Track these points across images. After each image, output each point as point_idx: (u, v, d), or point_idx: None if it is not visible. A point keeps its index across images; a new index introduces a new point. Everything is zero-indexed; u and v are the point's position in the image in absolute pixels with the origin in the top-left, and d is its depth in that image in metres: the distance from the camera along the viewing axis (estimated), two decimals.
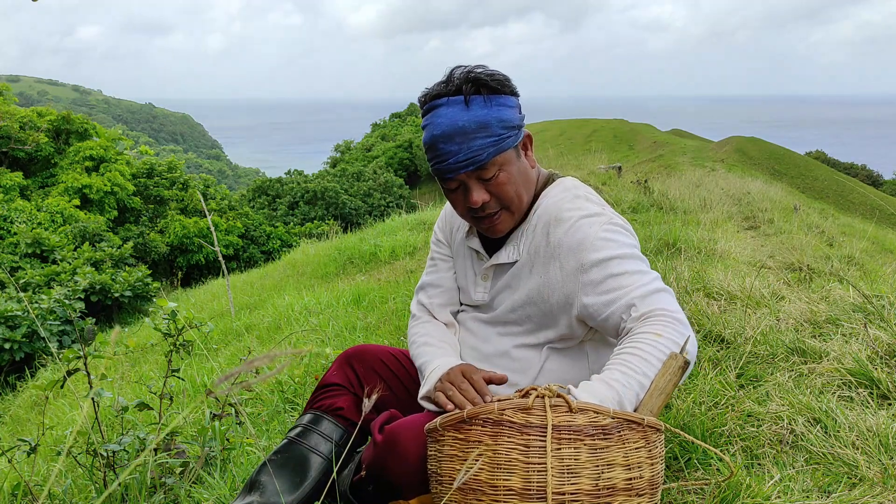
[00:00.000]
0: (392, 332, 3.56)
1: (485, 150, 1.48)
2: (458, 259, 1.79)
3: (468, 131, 1.48)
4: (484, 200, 1.52)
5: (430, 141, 1.52)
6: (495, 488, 1.18)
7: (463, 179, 1.52)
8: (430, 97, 1.54)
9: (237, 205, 26.04)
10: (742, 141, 26.98)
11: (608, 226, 1.50)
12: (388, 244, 6.72)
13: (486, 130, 1.48)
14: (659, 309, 1.39)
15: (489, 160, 1.49)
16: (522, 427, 1.18)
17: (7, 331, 9.42)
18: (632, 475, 1.20)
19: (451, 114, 1.49)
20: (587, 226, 1.50)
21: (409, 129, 55.50)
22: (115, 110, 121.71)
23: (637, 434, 1.21)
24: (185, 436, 2.41)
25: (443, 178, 1.54)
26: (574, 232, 1.50)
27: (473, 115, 1.48)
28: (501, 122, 1.50)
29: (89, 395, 1.93)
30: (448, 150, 1.49)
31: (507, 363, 1.62)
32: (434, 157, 1.52)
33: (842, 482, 1.60)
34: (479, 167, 1.49)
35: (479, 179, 1.51)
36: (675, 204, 6.90)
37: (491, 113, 1.49)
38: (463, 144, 1.48)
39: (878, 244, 6.46)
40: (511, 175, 1.53)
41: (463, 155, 1.48)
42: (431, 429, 1.31)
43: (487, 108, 1.49)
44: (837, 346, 2.30)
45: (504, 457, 1.17)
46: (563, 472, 1.16)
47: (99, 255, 15.75)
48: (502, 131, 1.50)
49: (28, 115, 22.61)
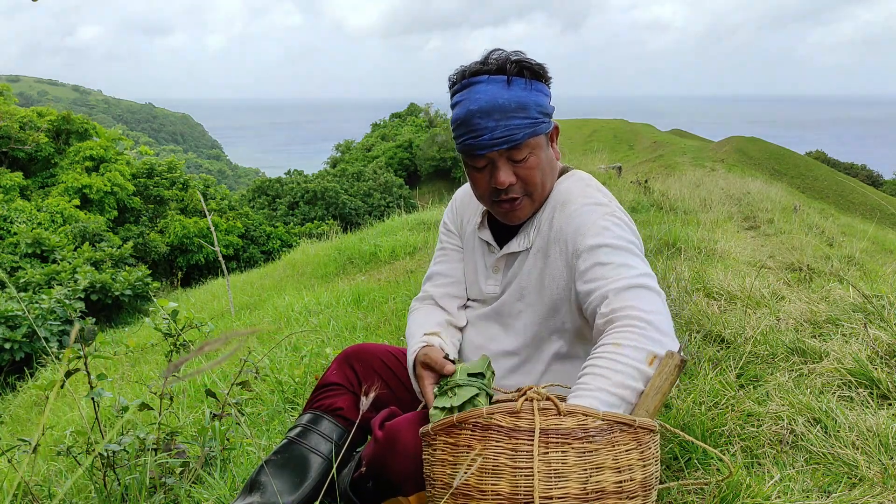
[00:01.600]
0: (392, 332, 3.56)
1: (521, 131, 1.47)
2: (466, 251, 1.77)
3: (507, 109, 1.47)
4: (511, 182, 1.50)
5: (465, 115, 1.49)
6: (484, 493, 1.17)
7: (493, 158, 1.50)
8: (467, 73, 1.53)
9: (237, 205, 26.02)
10: (742, 141, 26.97)
11: (608, 216, 1.49)
12: (388, 244, 6.72)
13: (525, 112, 1.48)
14: (629, 307, 1.31)
15: (524, 140, 1.48)
16: (511, 431, 1.17)
17: (7, 331, 9.41)
18: (622, 478, 1.19)
19: (492, 90, 1.48)
20: (588, 212, 1.50)
21: (409, 129, 55.49)
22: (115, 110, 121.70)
23: (628, 436, 1.20)
24: (185, 436, 2.41)
25: (472, 155, 1.52)
26: (575, 217, 1.50)
27: (514, 95, 1.48)
28: (539, 106, 1.50)
29: (89, 395, 1.93)
30: (484, 125, 1.47)
31: (513, 363, 1.61)
32: (467, 132, 1.50)
33: (842, 482, 1.60)
34: (513, 146, 1.48)
35: (509, 160, 1.50)
36: (675, 204, 6.90)
37: (530, 96, 1.49)
38: (501, 122, 1.46)
39: (878, 244, 6.46)
40: (540, 161, 1.52)
41: (500, 132, 1.46)
42: (424, 433, 1.31)
43: (528, 91, 1.49)
44: (837, 346, 2.30)
45: (492, 461, 1.17)
46: (550, 476, 1.15)
47: (99, 254, 15.74)
48: (538, 115, 1.50)
49: (28, 115, 22.59)
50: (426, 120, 59.46)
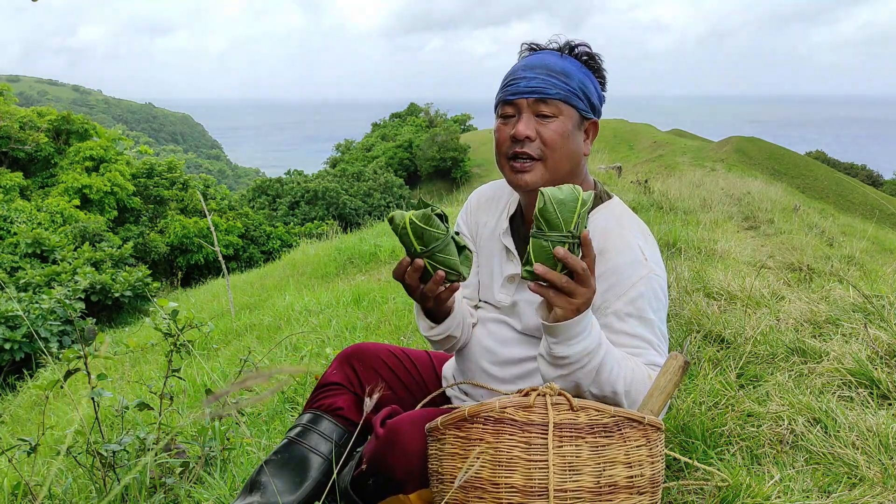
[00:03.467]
0: (392, 331, 3.56)
1: (555, 87, 1.50)
2: (482, 254, 1.74)
3: (552, 70, 1.51)
4: (528, 135, 1.50)
5: (512, 70, 1.56)
6: (497, 486, 1.18)
7: (521, 107, 1.52)
8: (532, 47, 1.60)
9: (237, 205, 26.03)
10: (742, 141, 26.96)
11: (645, 280, 1.47)
12: (388, 244, 6.72)
13: (566, 78, 1.51)
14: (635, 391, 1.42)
15: (555, 97, 1.50)
16: (524, 425, 1.18)
17: (7, 331, 9.41)
18: (633, 473, 1.20)
19: (545, 55, 1.55)
20: (625, 269, 1.47)
21: (409, 129, 55.49)
22: (115, 110, 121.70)
23: (638, 432, 1.22)
24: (185, 436, 2.41)
25: (503, 103, 1.55)
26: (611, 274, 1.47)
27: (563, 63, 1.53)
28: (582, 85, 1.53)
29: (89, 395, 1.93)
30: (524, 75, 1.52)
31: (521, 371, 1.60)
32: (508, 82, 1.54)
33: (842, 482, 1.60)
34: (542, 97, 1.49)
35: (535, 115, 1.51)
36: (675, 204, 6.90)
37: (578, 73, 1.53)
38: (541, 75, 1.51)
39: (878, 244, 6.46)
40: (566, 131, 1.51)
41: (535, 82, 1.50)
42: (433, 427, 1.31)
43: (577, 69, 1.54)
44: (837, 346, 2.30)
45: (506, 454, 1.17)
46: (564, 469, 1.16)
47: (99, 255, 15.74)
48: (578, 91, 1.52)
49: (28, 115, 22.59)
50: (426, 120, 59.46)
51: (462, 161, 48.16)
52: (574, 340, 1.32)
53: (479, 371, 1.65)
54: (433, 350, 1.86)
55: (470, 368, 1.68)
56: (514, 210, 1.69)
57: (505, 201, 1.72)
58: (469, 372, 1.68)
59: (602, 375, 1.36)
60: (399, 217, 1.43)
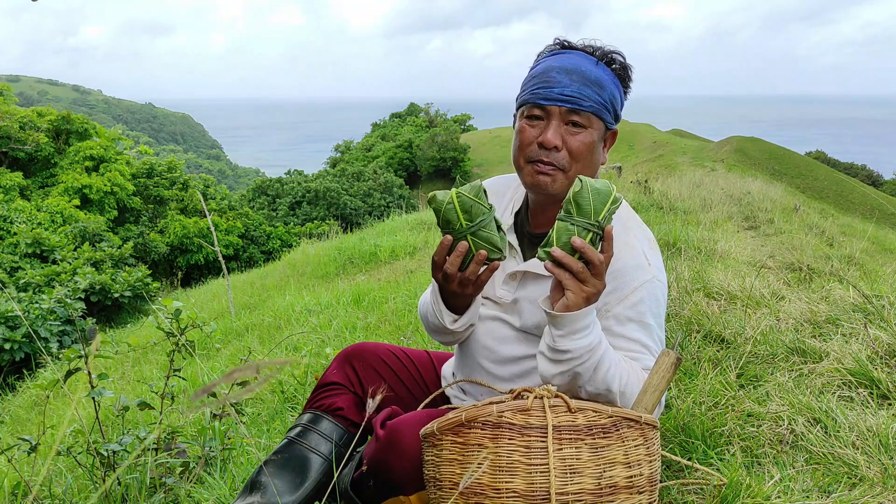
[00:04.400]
0: (392, 332, 3.56)
1: (589, 100, 1.48)
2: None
3: (587, 78, 1.49)
4: (557, 145, 1.48)
5: (545, 68, 1.51)
6: (498, 491, 1.17)
7: (552, 113, 1.49)
8: (563, 44, 1.56)
9: (237, 205, 26.02)
10: (742, 141, 26.96)
11: (647, 284, 1.47)
12: (388, 244, 6.72)
13: (601, 89, 1.50)
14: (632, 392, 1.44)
15: (588, 110, 1.48)
16: (523, 428, 1.18)
17: (7, 331, 9.40)
18: (632, 473, 1.20)
19: (580, 60, 1.51)
20: (628, 274, 1.47)
21: (409, 129, 55.49)
22: (115, 110, 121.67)
23: (635, 432, 1.22)
24: (185, 436, 2.41)
25: (533, 104, 1.51)
26: (614, 277, 1.46)
27: (597, 72, 1.50)
28: (612, 97, 1.52)
29: (90, 395, 1.93)
30: (560, 79, 1.48)
31: (520, 369, 1.60)
32: (539, 83, 1.50)
33: (842, 482, 1.60)
34: (575, 108, 1.47)
35: (565, 123, 1.49)
36: (675, 204, 6.90)
37: (610, 85, 1.52)
38: (576, 83, 1.48)
39: (878, 244, 6.46)
40: (592, 143, 1.51)
41: (570, 90, 1.47)
42: (428, 433, 1.29)
43: (610, 80, 1.52)
44: (837, 346, 2.30)
45: (506, 459, 1.17)
46: (565, 471, 1.16)
47: (99, 255, 15.74)
48: (608, 103, 1.51)
49: (28, 115, 22.58)
50: (426, 120, 59.45)
51: (462, 161, 48.17)
52: (578, 335, 1.32)
53: (479, 369, 1.65)
54: (435, 349, 1.86)
55: (469, 366, 1.68)
56: (519, 207, 1.68)
57: (510, 197, 1.70)
58: (468, 370, 1.68)
59: (599, 374, 1.36)
60: (442, 194, 1.40)
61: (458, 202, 1.38)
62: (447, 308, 1.56)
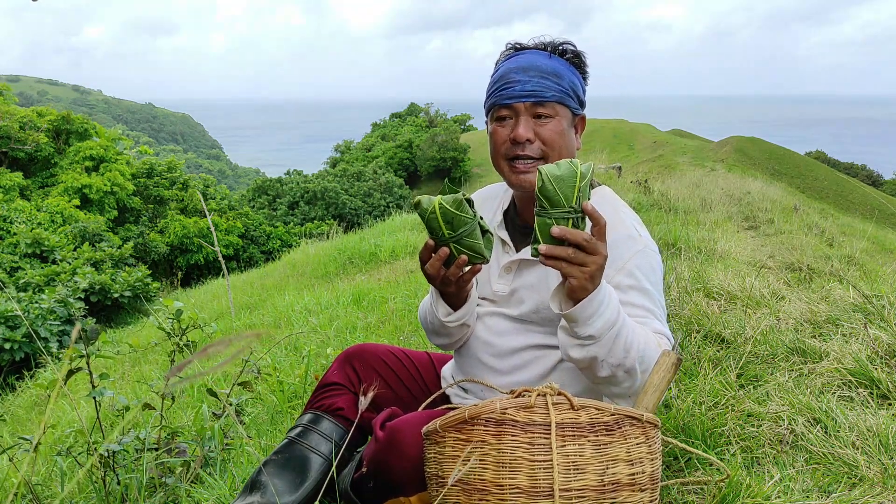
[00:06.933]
0: (392, 331, 3.56)
1: (550, 90, 1.54)
2: None
3: (544, 71, 1.55)
4: (528, 137, 1.55)
5: (503, 72, 1.59)
6: (501, 487, 1.18)
7: (518, 110, 1.56)
8: (516, 46, 1.64)
9: (237, 205, 26.02)
10: (742, 141, 26.96)
11: (640, 254, 1.52)
12: (388, 244, 6.73)
13: (559, 78, 1.56)
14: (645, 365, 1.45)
15: (551, 99, 1.54)
16: (526, 425, 1.18)
17: (7, 331, 9.40)
18: (634, 470, 1.20)
19: (534, 57, 1.59)
20: (620, 245, 1.51)
21: (409, 129, 55.50)
22: (115, 110, 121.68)
23: (637, 429, 1.22)
24: (186, 436, 2.41)
25: (499, 106, 1.58)
26: (609, 247, 1.47)
27: (552, 64, 1.57)
28: (572, 84, 1.58)
29: (90, 395, 1.93)
30: (518, 78, 1.55)
31: (520, 361, 1.61)
32: (501, 86, 1.57)
33: (842, 482, 1.60)
34: (539, 101, 1.54)
35: (532, 116, 1.55)
36: (675, 204, 6.90)
37: (567, 73, 1.58)
38: (534, 78, 1.55)
39: (878, 244, 6.46)
40: (562, 130, 1.57)
41: (530, 86, 1.54)
42: (430, 431, 1.30)
43: (565, 67, 1.59)
44: (837, 346, 2.30)
45: (509, 455, 1.17)
46: (569, 468, 1.16)
47: (99, 255, 15.74)
48: (569, 90, 1.57)
49: (28, 115, 22.58)
50: (426, 120, 59.47)
51: (462, 161, 48.19)
52: (594, 318, 1.34)
53: (479, 364, 1.65)
54: (435, 350, 1.86)
55: (469, 363, 1.68)
56: (508, 205, 1.73)
57: (499, 199, 1.76)
58: (468, 367, 1.68)
59: (619, 343, 1.37)
60: (427, 202, 1.42)
61: (441, 213, 1.41)
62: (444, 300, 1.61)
